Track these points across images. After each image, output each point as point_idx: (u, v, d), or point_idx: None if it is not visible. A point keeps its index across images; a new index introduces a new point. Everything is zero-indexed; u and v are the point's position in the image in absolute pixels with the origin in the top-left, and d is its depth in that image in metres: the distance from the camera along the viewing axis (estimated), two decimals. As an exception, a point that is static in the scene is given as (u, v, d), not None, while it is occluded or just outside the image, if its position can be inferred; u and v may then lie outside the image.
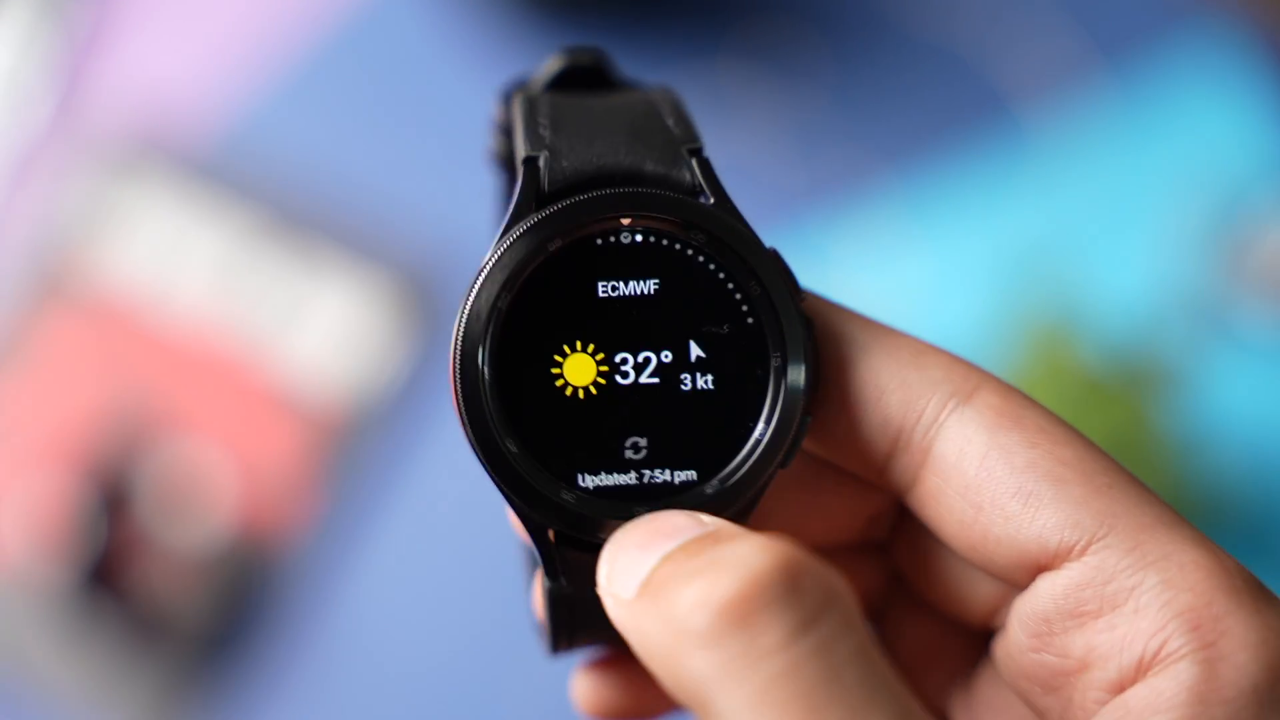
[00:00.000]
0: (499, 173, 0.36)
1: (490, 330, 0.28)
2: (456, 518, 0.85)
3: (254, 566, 0.83)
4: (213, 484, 0.84)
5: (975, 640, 0.31)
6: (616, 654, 0.32)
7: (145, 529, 0.83)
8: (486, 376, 0.28)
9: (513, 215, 0.28)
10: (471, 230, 0.88)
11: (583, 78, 0.34)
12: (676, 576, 0.24)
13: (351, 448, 0.85)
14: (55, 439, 0.86)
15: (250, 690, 0.82)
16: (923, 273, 0.87)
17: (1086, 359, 0.77)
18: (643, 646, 0.24)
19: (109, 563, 0.82)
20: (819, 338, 0.28)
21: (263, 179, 0.91)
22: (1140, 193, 0.87)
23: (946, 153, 0.88)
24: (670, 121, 0.30)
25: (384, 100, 0.93)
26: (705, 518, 0.26)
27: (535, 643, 0.33)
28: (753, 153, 0.89)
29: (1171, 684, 0.24)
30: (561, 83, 0.34)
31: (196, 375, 0.87)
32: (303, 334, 0.88)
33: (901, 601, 0.33)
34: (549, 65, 0.34)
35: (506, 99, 0.33)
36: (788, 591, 0.22)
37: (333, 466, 0.85)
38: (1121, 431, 0.75)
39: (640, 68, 0.90)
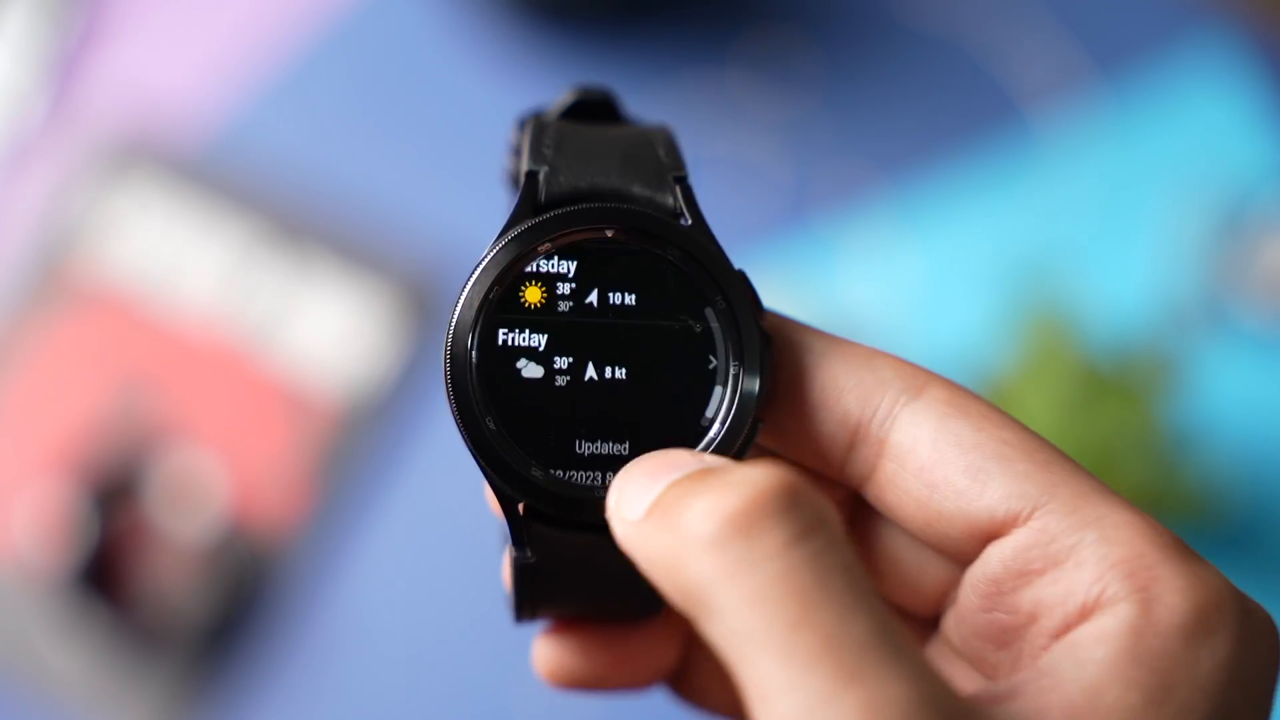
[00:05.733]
0: (513, 192, 0.39)
1: (480, 319, 0.31)
2: (451, 513, 0.86)
3: (252, 560, 0.85)
4: (211, 479, 0.86)
5: (920, 626, 0.34)
6: (577, 621, 0.34)
7: (145, 524, 0.85)
8: (474, 360, 0.31)
9: (510, 220, 0.32)
10: (468, 231, 0.89)
11: (592, 111, 0.37)
12: (684, 495, 0.26)
13: (348, 444, 0.87)
14: (52, 438, 0.88)
15: (249, 683, 0.84)
16: (925, 272, 0.88)
17: (1087, 356, 0.78)
18: (647, 559, 0.27)
19: (107, 558, 0.84)
20: (779, 351, 0.32)
21: (258, 181, 0.92)
22: (1141, 195, 0.88)
23: (950, 155, 0.89)
24: (661, 152, 0.34)
25: (383, 102, 0.94)
26: (708, 457, 0.29)
27: (530, 631, 0.35)
28: (758, 156, 0.90)
29: (1111, 620, 0.27)
30: (572, 114, 0.37)
31: (193, 372, 0.89)
32: (301, 331, 0.89)
33: None
34: (563, 98, 0.37)
35: (521, 125, 0.36)
36: (787, 507, 0.25)
37: (330, 462, 0.86)
38: (1121, 427, 0.76)
39: (646, 72, 0.91)
